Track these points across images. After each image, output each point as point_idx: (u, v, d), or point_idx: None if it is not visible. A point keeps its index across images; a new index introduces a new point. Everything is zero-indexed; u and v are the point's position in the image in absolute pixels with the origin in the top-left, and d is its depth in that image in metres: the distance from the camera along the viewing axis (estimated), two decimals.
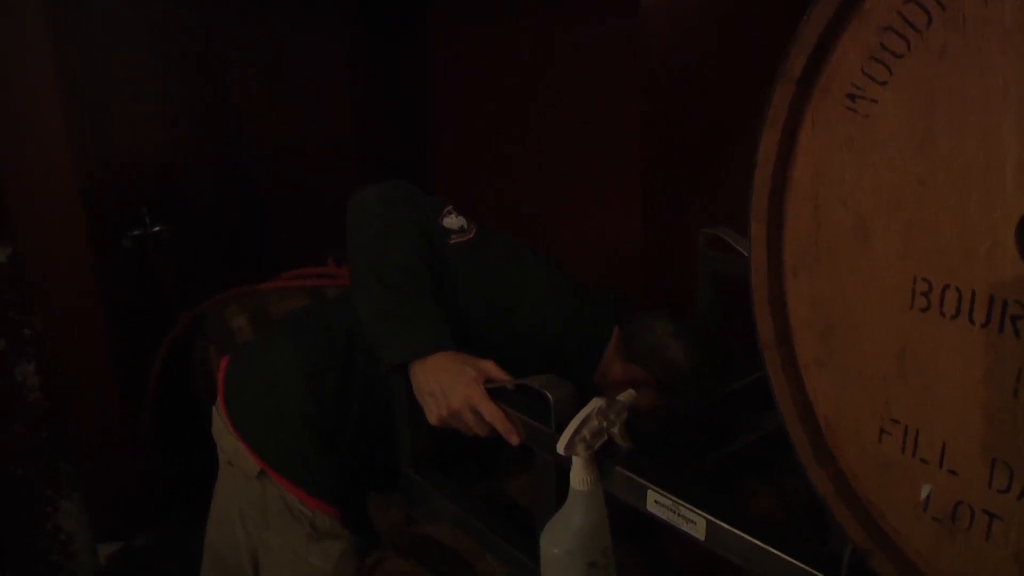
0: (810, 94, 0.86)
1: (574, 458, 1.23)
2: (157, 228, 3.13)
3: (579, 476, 1.23)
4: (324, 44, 3.70)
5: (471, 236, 1.73)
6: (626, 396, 1.29)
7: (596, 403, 1.26)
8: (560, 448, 1.23)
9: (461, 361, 1.48)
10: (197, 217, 3.30)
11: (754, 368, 1.88)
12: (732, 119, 2.78)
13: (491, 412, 1.42)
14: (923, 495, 0.85)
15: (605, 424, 1.25)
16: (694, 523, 1.15)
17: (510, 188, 3.31)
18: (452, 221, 1.74)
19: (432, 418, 1.50)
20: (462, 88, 3.47)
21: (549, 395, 1.31)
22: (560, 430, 1.27)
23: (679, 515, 1.17)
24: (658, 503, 1.20)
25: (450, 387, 1.45)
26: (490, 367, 1.47)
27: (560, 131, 3.03)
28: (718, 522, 1.11)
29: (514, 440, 1.42)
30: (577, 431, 1.23)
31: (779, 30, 2.64)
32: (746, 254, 2.22)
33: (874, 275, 0.86)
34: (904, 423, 0.86)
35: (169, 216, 3.18)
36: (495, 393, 1.45)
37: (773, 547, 1.03)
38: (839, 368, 0.91)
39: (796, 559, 1.00)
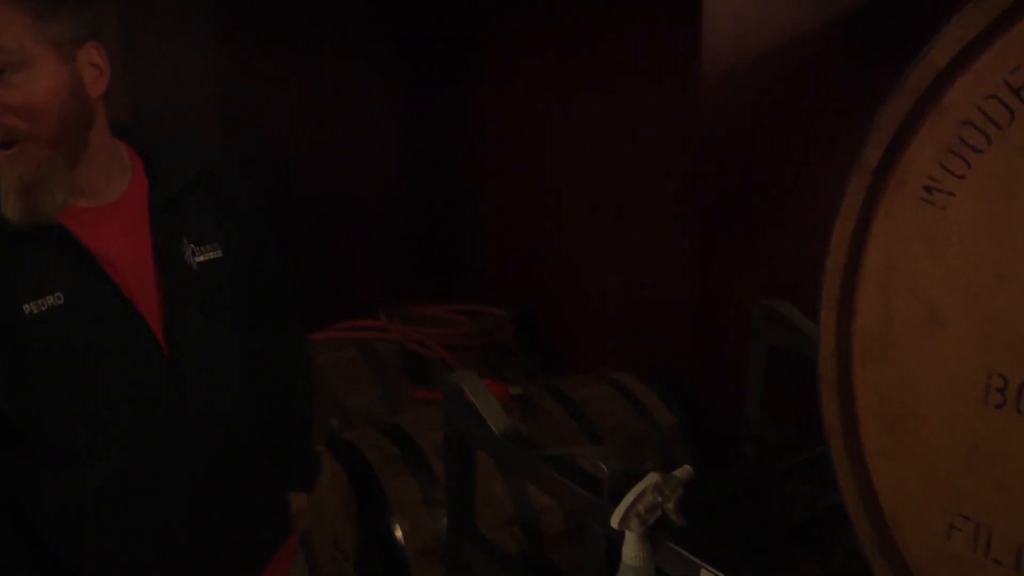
0: (885, 185, 0.87)
1: (627, 532, 1.22)
2: None
3: (632, 551, 1.22)
4: (379, 97, 3.79)
5: None
6: (682, 473, 1.28)
7: (652, 478, 1.24)
8: (615, 522, 1.21)
9: None
10: None
11: (808, 444, 1.87)
12: (787, 188, 2.78)
13: None
14: None
15: (660, 500, 1.24)
16: None
17: (558, 239, 3.32)
18: None
19: None
20: (514, 142, 3.50)
21: (604, 467, 1.31)
22: (613, 502, 1.25)
23: None
24: None
25: None
26: None
27: (611, 187, 3.04)
28: None
29: None
30: (632, 506, 1.22)
31: (838, 100, 2.66)
32: (803, 329, 2.21)
33: (945, 368, 0.85)
34: (976, 520, 0.84)
35: None
36: (544, 461, 1.45)
37: None
38: (905, 460, 0.90)
39: None
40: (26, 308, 1.19)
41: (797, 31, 2.71)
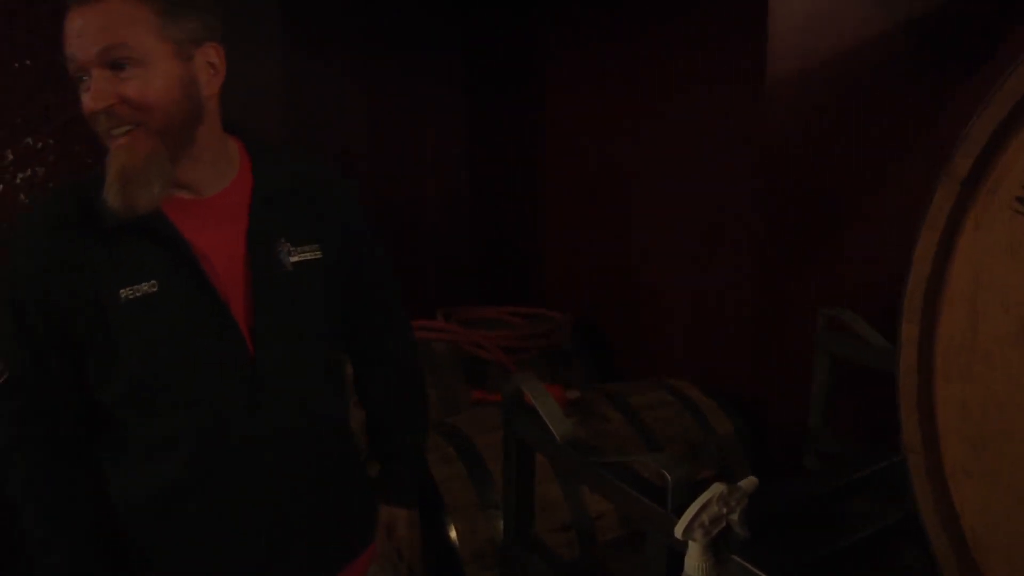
0: (975, 195, 0.84)
1: (690, 543, 1.20)
2: None
3: (695, 562, 1.20)
4: (444, 100, 3.81)
5: None
6: (747, 483, 1.26)
7: (718, 488, 1.22)
8: (678, 532, 1.20)
9: None
10: None
11: (871, 458, 1.82)
12: (853, 196, 2.73)
13: None
14: None
15: (725, 511, 1.21)
16: None
17: (619, 244, 3.30)
18: None
19: None
20: (577, 147, 3.50)
21: (668, 475, 1.29)
22: (677, 512, 1.23)
23: None
24: None
25: None
26: None
27: (675, 193, 3.01)
28: None
29: None
30: (696, 516, 1.20)
31: (906, 107, 2.60)
32: (868, 339, 2.17)
33: None
34: None
35: None
36: (606, 467, 1.43)
37: None
38: (991, 479, 0.87)
39: None
40: (123, 293, 1.23)
41: (864, 37, 2.66)
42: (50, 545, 1.31)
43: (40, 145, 2.31)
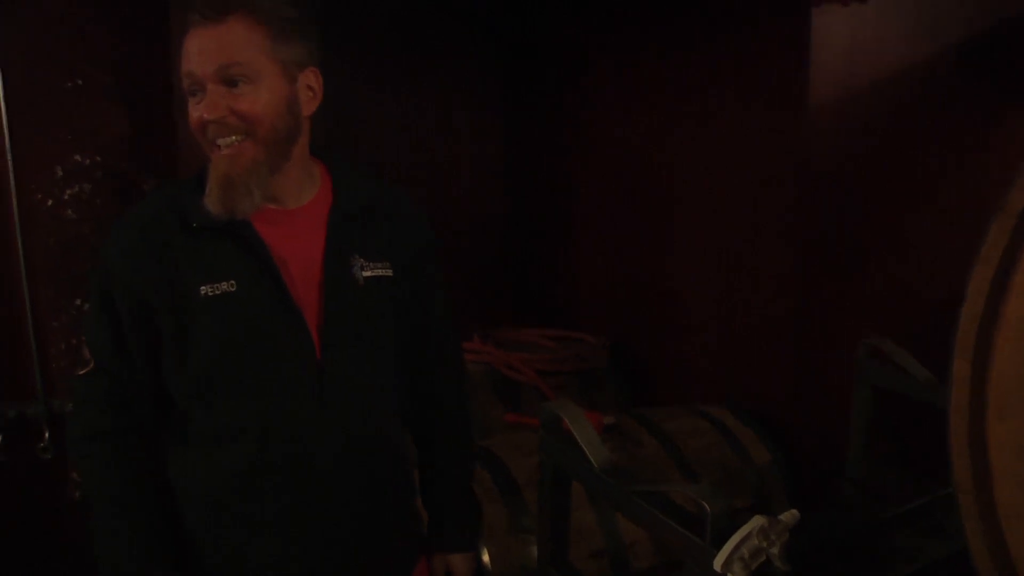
0: None
1: None
2: None
3: None
4: (480, 124, 3.83)
5: None
6: (788, 517, 1.24)
7: (758, 521, 1.20)
8: (717, 565, 1.18)
9: None
10: None
11: (913, 491, 1.79)
12: (894, 222, 2.69)
13: None
14: None
15: (765, 544, 1.19)
16: None
17: (656, 268, 3.28)
18: None
19: None
20: (612, 170, 3.49)
21: (708, 507, 1.27)
22: (716, 544, 1.22)
23: None
24: None
25: None
26: None
27: (713, 217, 2.99)
28: None
29: None
30: (736, 549, 1.18)
31: (951, 132, 2.55)
32: (910, 370, 2.12)
33: None
34: None
35: None
36: (645, 497, 1.41)
37: None
38: None
39: None
40: (203, 290, 1.31)
41: (909, 61, 2.63)
42: (118, 536, 1.36)
43: (88, 162, 2.36)
